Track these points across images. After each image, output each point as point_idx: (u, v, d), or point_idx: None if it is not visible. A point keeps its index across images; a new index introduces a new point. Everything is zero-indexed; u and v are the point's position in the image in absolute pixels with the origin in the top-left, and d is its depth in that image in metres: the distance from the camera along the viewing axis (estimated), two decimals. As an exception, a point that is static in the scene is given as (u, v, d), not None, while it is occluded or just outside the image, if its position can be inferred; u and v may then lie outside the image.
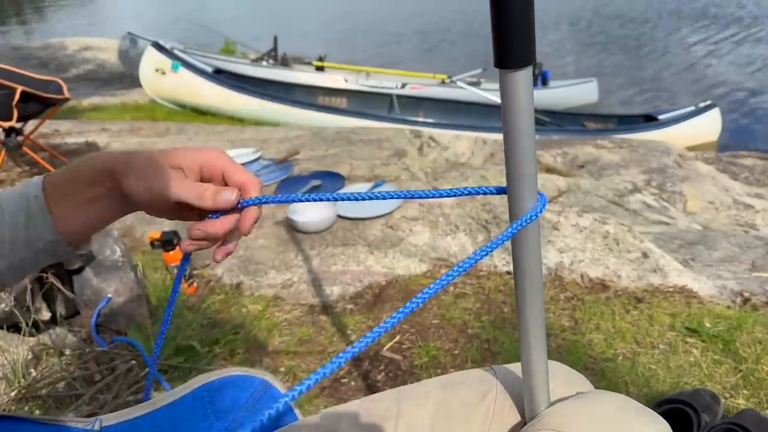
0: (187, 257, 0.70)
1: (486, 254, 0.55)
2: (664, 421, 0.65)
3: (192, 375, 1.75)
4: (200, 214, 0.65)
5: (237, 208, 0.64)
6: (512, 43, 0.50)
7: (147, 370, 1.73)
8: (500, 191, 0.60)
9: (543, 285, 0.64)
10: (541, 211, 0.58)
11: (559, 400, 0.69)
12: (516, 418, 0.72)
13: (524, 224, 0.57)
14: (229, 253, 0.67)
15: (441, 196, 0.62)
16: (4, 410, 1.54)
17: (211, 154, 0.65)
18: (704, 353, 1.83)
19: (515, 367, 0.77)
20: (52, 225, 0.62)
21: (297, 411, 0.90)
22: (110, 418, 0.78)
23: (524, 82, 0.52)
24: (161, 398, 0.83)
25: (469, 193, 0.62)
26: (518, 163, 0.55)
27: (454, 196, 0.62)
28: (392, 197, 0.65)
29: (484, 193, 0.62)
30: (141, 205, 0.64)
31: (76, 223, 0.64)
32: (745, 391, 1.67)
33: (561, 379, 0.74)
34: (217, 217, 0.64)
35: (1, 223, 0.63)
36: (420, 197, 0.64)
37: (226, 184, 0.65)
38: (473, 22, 13.72)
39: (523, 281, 0.62)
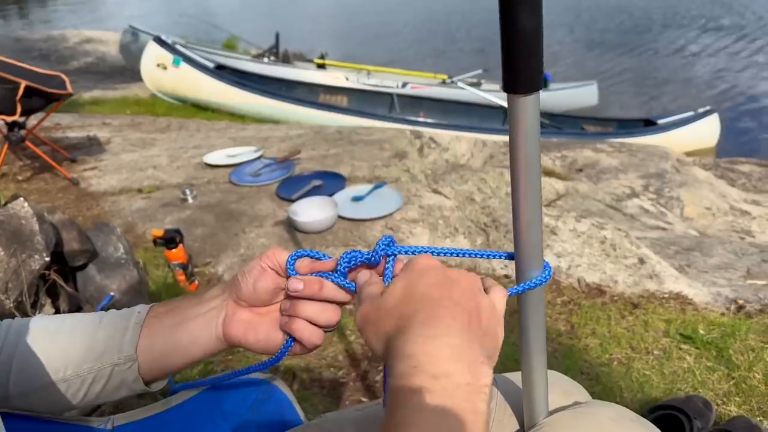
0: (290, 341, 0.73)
1: None
2: (659, 431, 0.68)
3: (199, 377, 1.78)
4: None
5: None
6: (521, 69, 0.52)
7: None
8: (509, 257, 0.66)
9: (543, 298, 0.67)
10: (546, 279, 0.63)
11: (558, 410, 0.72)
12: (515, 427, 0.74)
13: (530, 287, 0.63)
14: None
15: (456, 254, 0.70)
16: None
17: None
18: (698, 360, 1.86)
19: (515, 376, 0.79)
20: (137, 341, 0.67)
21: (301, 414, 0.92)
22: (122, 418, 0.80)
23: (532, 107, 0.54)
24: (171, 399, 0.85)
25: (481, 256, 0.69)
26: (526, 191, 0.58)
27: (469, 256, 0.69)
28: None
29: (494, 257, 0.69)
30: (245, 300, 0.69)
31: (157, 345, 0.67)
32: (737, 398, 1.69)
33: (559, 390, 0.76)
34: None
35: (94, 328, 0.68)
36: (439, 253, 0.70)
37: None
38: (475, 23, 13.75)
39: (527, 313, 0.66)
